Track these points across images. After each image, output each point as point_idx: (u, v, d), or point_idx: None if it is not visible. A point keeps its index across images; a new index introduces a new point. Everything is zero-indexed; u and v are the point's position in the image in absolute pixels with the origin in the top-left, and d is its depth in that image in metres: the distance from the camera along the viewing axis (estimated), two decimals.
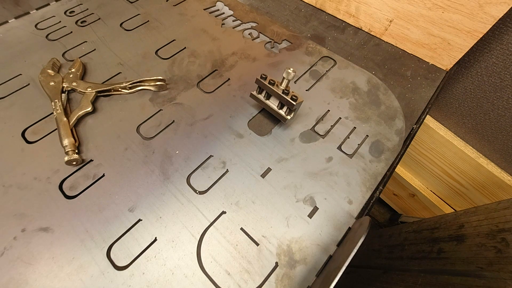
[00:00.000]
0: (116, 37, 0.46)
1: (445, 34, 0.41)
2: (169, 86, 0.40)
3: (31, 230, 0.28)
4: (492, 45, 0.45)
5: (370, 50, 0.47)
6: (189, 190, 0.31)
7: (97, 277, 0.26)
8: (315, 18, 0.52)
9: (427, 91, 0.42)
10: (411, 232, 0.60)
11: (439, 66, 0.45)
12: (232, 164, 0.33)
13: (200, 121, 0.36)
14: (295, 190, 0.31)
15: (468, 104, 0.55)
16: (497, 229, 0.40)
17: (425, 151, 0.69)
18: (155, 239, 0.28)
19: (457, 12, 0.38)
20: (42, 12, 0.49)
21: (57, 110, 0.34)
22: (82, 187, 0.31)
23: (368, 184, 0.32)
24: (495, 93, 0.50)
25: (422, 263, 0.50)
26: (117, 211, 0.29)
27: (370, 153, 0.35)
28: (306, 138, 0.36)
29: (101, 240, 0.28)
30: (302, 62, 0.43)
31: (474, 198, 0.67)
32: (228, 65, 0.43)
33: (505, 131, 0.53)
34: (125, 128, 0.35)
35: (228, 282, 0.26)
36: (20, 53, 0.43)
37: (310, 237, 0.29)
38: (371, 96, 0.40)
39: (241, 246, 0.28)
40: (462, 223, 0.47)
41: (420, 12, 0.41)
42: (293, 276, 0.26)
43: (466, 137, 0.61)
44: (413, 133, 0.38)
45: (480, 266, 0.40)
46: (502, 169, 0.58)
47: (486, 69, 0.48)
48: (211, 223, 0.29)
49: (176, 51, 0.44)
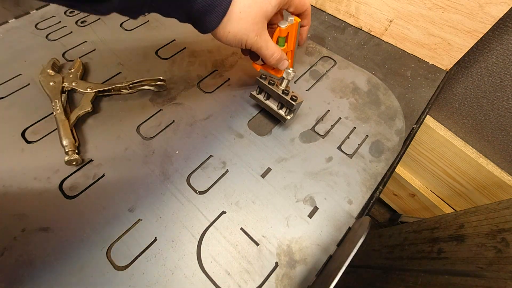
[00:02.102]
0: (116, 37, 0.45)
1: (445, 34, 0.41)
2: (169, 86, 0.40)
3: (31, 230, 0.28)
4: (492, 45, 0.45)
5: (370, 50, 0.47)
6: (189, 190, 0.31)
7: (97, 277, 0.26)
8: (315, 18, 0.52)
9: (427, 91, 0.42)
10: (411, 232, 0.60)
11: (439, 66, 0.45)
12: (232, 164, 0.33)
13: (200, 121, 0.36)
14: (295, 190, 0.31)
15: (468, 104, 0.55)
16: (497, 229, 0.40)
17: (425, 151, 0.69)
18: (155, 239, 0.28)
19: (457, 12, 0.38)
20: (42, 12, 0.49)
21: (57, 110, 0.34)
22: (82, 187, 0.31)
23: (368, 184, 0.32)
24: (495, 93, 0.50)
25: (422, 263, 0.50)
26: (117, 211, 0.29)
27: (370, 153, 0.35)
28: (306, 138, 0.36)
29: (101, 240, 0.28)
30: (302, 62, 0.43)
31: (474, 198, 0.67)
32: (228, 65, 0.43)
33: (505, 131, 0.53)
34: (125, 128, 0.35)
35: (228, 282, 0.26)
36: (20, 53, 0.42)
37: (310, 237, 0.29)
38: (371, 96, 0.40)
39: (241, 246, 0.28)
40: (462, 223, 0.47)
41: (420, 12, 0.41)
42: (293, 276, 0.27)
43: (466, 137, 0.61)
44: (413, 133, 0.38)
45: (480, 266, 0.40)
46: (502, 169, 0.58)
47: (486, 69, 0.48)
48: (211, 223, 0.29)
49: (176, 51, 0.44)
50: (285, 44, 0.35)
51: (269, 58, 0.32)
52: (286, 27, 0.32)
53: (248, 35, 0.29)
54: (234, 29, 0.28)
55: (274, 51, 0.31)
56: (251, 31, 0.29)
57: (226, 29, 0.28)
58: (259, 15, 0.28)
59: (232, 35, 0.29)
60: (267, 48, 0.31)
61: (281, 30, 0.32)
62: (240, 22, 0.28)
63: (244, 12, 0.27)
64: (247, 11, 0.27)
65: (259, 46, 0.30)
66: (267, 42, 0.31)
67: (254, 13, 0.28)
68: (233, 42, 0.29)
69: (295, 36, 0.34)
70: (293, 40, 0.35)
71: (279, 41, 0.34)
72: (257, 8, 0.28)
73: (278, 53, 0.32)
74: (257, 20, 0.28)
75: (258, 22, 0.29)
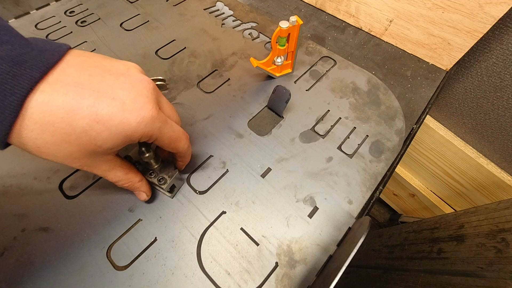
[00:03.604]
0: (116, 37, 0.46)
1: (445, 34, 0.41)
2: (169, 86, 0.40)
3: (31, 230, 0.28)
4: (492, 45, 0.45)
5: (370, 50, 0.47)
6: (189, 190, 0.31)
7: (97, 277, 0.26)
8: (315, 18, 0.52)
9: (427, 91, 0.42)
10: (411, 232, 0.60)
11: (439, 66, 0.45)
12: (232, 164, 0.33)
13: (200, 121, 0.36)
14: (295, 190, 0.31)
15: (468, 104, 0.55)
16: (497, 229, 0.40)
17: (425, 151, 0.69)
18: (155, 239, 0.28)
19: (457, 12, 0.38)
20: (42, 12, 0.49)
21: None
22: (82, 187, 0.31)
23: (368, 184, 0.32)
24: (495, 93, 0.50)
25: (422, 263, 0.50)
26: (117, 211, 0.29)
27: (370, 153, 0.35)
28: (306, 138, 0.36)
29: (101, 240, 0.28)
30: (302, 62, 0.43)
31: (474, 198, 0.67)
32: (228, 65, 0.43)
33: (505, 131, 0.53)
34: None
35: (228, 282, 0.26)
36: None
37: (310, 237, 0.29)
38: (371, 96, 0.40)
39: (241, 246, 0.28)
40: (462, 223, 0.47)
41: (420, 12, 0.41)
42: (293, 276, 0.27)
43: (466, 137, 0.61)
44: (413, 133, 0.38)
45: (480, 266, 0.40)
46: (502, 169, 0.58)
47: (486, 69, 0.48)
48: (211, 223, 0.29)
49: (176, 51, 0.44)
50: (286, 45, 0.35)
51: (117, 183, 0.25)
52: (287, 27, 0.32)
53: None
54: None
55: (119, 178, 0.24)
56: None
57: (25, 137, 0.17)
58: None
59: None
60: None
61: (282, 30, 0.32)
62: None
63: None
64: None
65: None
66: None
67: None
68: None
69: (296, 37, 0.35)
70: (294, 42, 0.35)
71: (279, 41, 0.34)
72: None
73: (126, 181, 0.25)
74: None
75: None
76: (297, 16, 0.32)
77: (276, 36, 0.33)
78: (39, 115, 0.16)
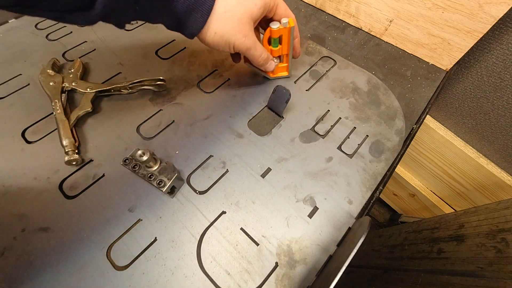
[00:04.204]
0: (116, 37, 0.46)
1: (445, 34, 0.41)
2: (169, 86, 0.40)
3: (31, 230, 0.28)
4: (492, 45, 0.45)
5: (370, 50, 0.47)
6: (189, 190, 0.31)
7: (97, 277, 0.26)
8: (315, 18, 0.52)
9: (427, 91, 0.42)
10: (411, 232, 0.60)
11: (439, 66, 0.45)
12: (232, 164, 0.33)
13: (200, 121, 0.36)
14: (295, 190, 0.31)
15: (468, 104, 0.55)
16: (497, 229, 0.40)
17: (425, 151, 0.69)
18: (155, 239, 0.28)
19: (457, 12, 0.38)
20: None
21: (57, 110, 0.34)
22: (82, 187, 0.31)
23: (368, 184, 0.32)
24: (495, 93, 0.50)
25: (422, 263, 0.50)
26: (117, 211, 0.29)
27: (370, 153, 0.35)
28: (306, 138, 0.36)
29: (101, 240, 0.28)
30: (302, 62, 0.43)
31: (474, 198, 0.67)
32: (228, 65, 0.43)
33: (505, 131, 0.53)
34: (125, 128, 0.35)
35: (228, 282, 0.26)
36: (20, 53, 0.43)
37: (310, 237, 0.29)
38: (371, 96, 0.40)
39: (241, 246, 0.28)
40: (462, 223, 0.47)
41: (420, 12, 0.41)
42: (293, 276, 0.27)
43: (466, 137, 0.61)
44: (413, 133, 0.38)
45: (480, 266, 0.40)
46: (502, 169, 0.58)
47: (486, 69, 0.48)
48: (211, 223, 0.29)
49: (176, 51, 0.44)
50: (279, 46, 0.35)
51: (258, 58, 0.33)
52: (278, 28, 0.32)
53: (235, 36, 0.29)
54: (220, 29, 0.28)
55: (261, 51, 0.33)
56: (238, 31, 0.28)
57: (212, 29, 0.28)
58: (246, 15, 0.28)
59: (219, 36, 0.28)
60: (256, 48, 0.31)
61: (272, 31, 0.32)
62: (226, 22, 0.28)
63: (229, 12, 0.27)
64: (233, 10, 0.27)
65: (247, 46, 0.30)
66: (255, 43, 0.31)
67: (240, 14, 0.28)
68: (220, 43, 0.29)
69: (289, 40, 0.34)
70: (287, 44, 0.35)
71: (271, 42, 0.34)
72: (242, 9, 0.28)
73: (266, 54, 0.33)
74: (244, 21, 0.28)
75: (245, 23, 0.28)
76: (291, 18, 0.32)
77: (267, 37, 0.34)
78: (222, 9, 0.27)
